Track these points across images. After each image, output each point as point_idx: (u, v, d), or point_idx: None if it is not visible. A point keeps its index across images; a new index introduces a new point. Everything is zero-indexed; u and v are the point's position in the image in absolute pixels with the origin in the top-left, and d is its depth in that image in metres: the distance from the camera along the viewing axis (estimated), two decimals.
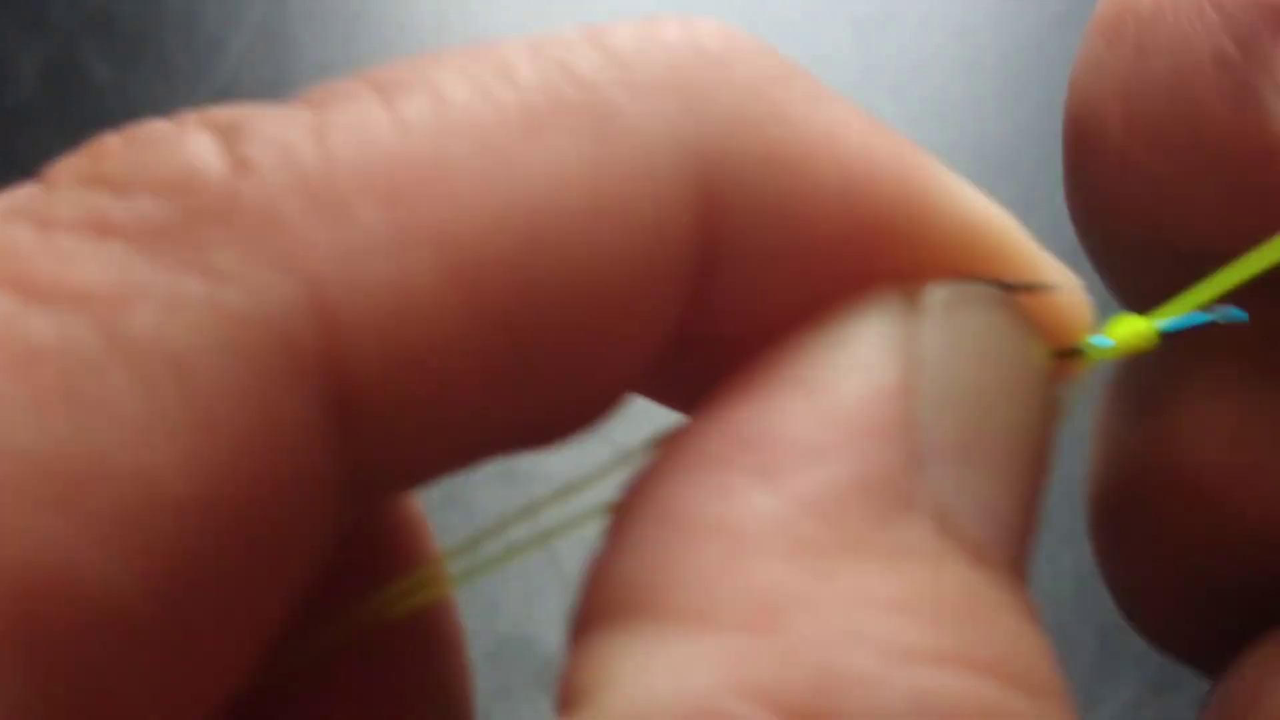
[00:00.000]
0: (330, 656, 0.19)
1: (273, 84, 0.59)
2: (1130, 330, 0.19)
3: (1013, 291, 0.18)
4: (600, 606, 0.15)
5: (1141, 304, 0.19)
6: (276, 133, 0.15)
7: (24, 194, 0.15)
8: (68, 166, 0.15)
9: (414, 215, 0.15)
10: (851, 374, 0.16)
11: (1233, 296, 0.19)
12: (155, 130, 0.15)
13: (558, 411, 0.17)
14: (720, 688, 0.13)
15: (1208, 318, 0.19)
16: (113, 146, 0.15)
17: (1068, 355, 0.19)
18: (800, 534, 0.15)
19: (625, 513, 0.16)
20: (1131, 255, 0.21)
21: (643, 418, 0.18)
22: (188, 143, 0.15)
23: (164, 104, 0.63)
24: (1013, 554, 0.16)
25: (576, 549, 0.18)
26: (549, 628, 0.49)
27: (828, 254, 0.17)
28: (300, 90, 0.21)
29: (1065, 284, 0.19)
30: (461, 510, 0.50)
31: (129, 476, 0.13)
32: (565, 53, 0.16)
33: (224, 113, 0.16)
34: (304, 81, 0.22)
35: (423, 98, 0.15)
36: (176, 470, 0.13)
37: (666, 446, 0.16)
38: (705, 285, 0.16)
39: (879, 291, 0.17)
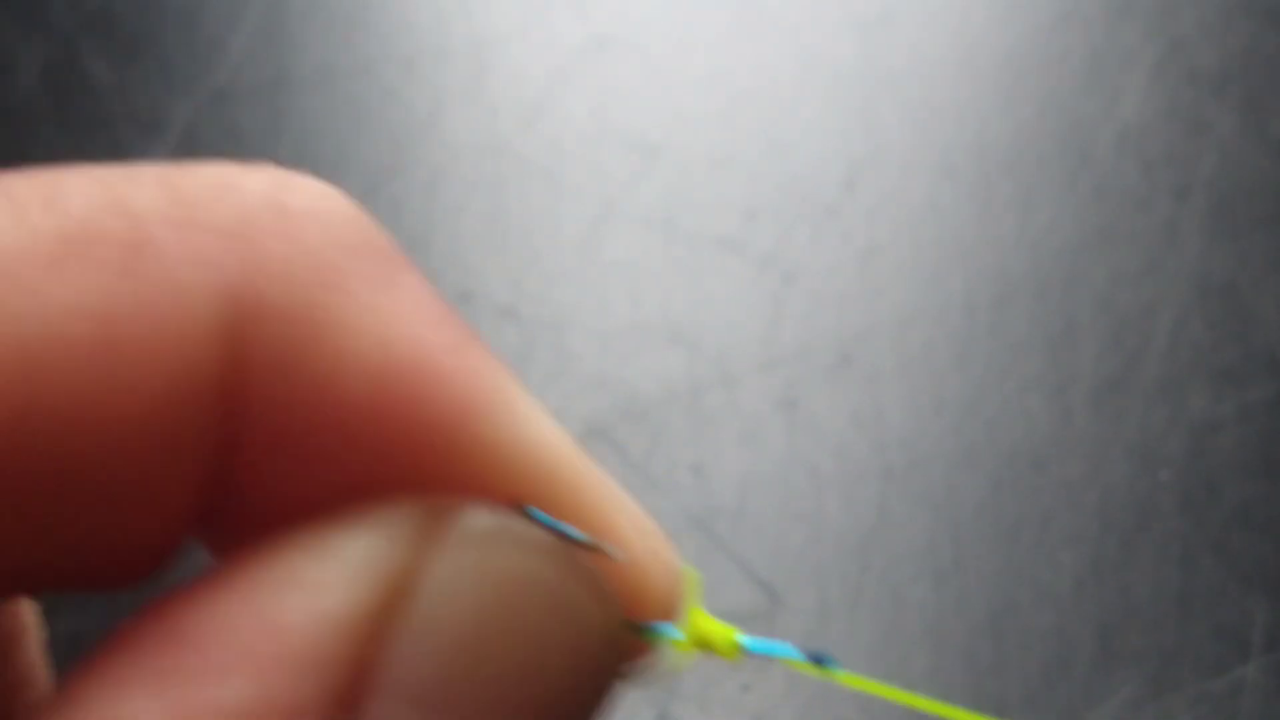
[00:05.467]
0: None
1: (273, 84, 0.59)
2: (711, 633, 0.18)
3: (574, 545, 0.16)
4: None
5: None
6: None
7: None
8: None
9: None
10: (300, 590, 0.15)
11: None
12: None
13: (88, 549, 0.16)
14: None
15: (797, 654, 0.18)
16: None
17: (636, 632, 0.17)
18: None
19: (63, 691, 0.15)
20: None
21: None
22: None
23: (164, 104, 0.63)
24: None
25: None
26: None
27: (361, 448, 0.16)
28: (300, 90, 0.21)
29: (652, 554, 0.17)
30: None
31: None
32: (128, 185, 0.16)
33: None
34: (304, 81, 0.22)
35: None
36: None
37: (124, 631, 0.16)
38: (236, 440, 0.16)
39: (395, 500, 0.16)
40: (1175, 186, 0.58)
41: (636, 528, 0.18)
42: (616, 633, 0.16)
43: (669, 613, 0.18)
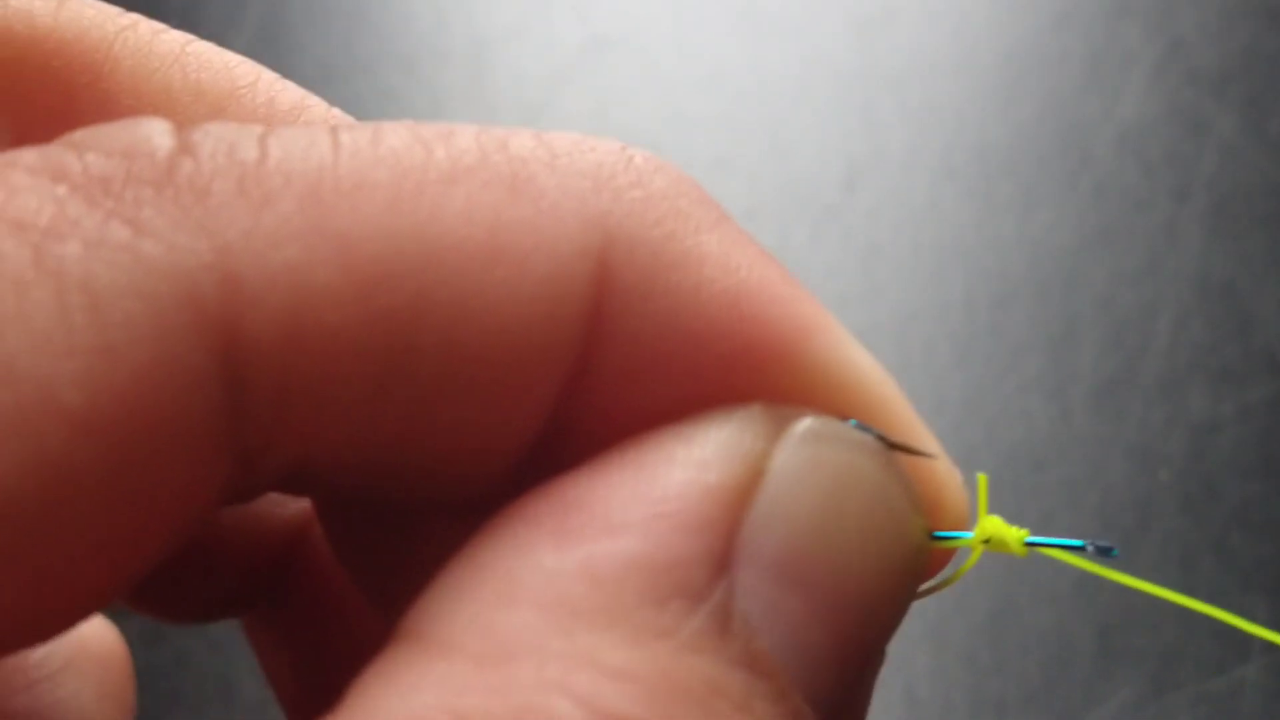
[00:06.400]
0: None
1: None
2: (999, 533, 0.20)
3: (891, 448, 0.18)
4: (398, 628, 0.17)
5: None
6: (225, 131, 0.17)
7: (22, 150, 0.16)
8: (66, 135, 0.17)
9: (326, 216, 0.16)
10: (682, 467, 0.17)
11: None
12: (131, 117, 0.17)
13: (446, 449, 0.18)
14: (434, 707, 0.15)
15: (1080, 544, 0.20)
16: (96, 123, 0.17)
17: (933, 539, 0.19)
18: (566, 593, 0.16)
19: (457, 556, 0.17)
20: None
21: None
22: (146, 123, 0.17)
23: None
24: (814, 683, 0.17)
25: None
26: None
27: (707, 361, 0.18)
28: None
29: (945, 466, 0.20)
30: None
31: (29, 380, 0.15)
32: (507, 134, 0.18)
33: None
34: (304, 81, 0.22)
35: (364, 133, 0.17)
36: (74, 384, 0.15)
37: (515, 506, 0.17)
38: (591, 358, 0.18)
39: (747, 404, 0.18)
40: (1175, 186, 0.58)
41: (933, 442, 0.20)
42: (925, 536, 0.19)
43: (961, 521, 0.20)
